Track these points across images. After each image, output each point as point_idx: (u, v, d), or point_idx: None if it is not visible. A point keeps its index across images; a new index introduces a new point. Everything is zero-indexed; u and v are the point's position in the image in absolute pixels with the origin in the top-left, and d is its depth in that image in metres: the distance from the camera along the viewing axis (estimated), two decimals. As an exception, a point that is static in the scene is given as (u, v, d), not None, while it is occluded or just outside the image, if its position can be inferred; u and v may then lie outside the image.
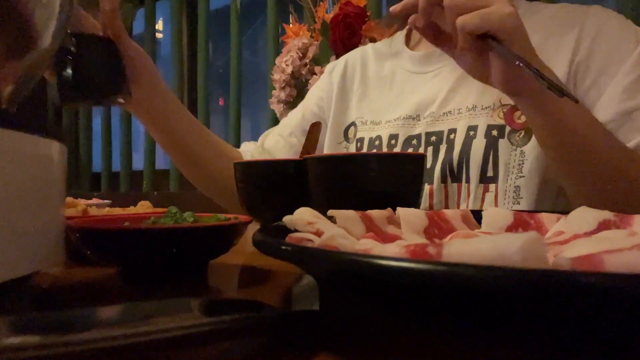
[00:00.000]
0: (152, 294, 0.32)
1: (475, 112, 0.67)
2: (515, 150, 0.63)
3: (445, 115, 0.70)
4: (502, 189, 0.63)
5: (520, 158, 0.63)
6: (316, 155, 0.51)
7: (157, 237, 0.34)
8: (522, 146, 0.63)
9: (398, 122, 0.75)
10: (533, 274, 0.15)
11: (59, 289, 0.34)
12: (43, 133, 0.26)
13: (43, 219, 0.27)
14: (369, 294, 0.24)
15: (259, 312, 0.21)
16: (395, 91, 0.80)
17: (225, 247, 0.39)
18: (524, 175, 0.62)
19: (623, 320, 0.16)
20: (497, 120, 0.65)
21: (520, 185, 0.62)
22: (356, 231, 0.32)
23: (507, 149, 0.63)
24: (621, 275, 0.15)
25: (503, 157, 0.63)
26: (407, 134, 0.73)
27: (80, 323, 0.18)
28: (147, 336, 0.17)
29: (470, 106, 0.68)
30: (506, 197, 0.63)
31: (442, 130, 0.69)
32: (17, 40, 0.29)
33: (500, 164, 0.63)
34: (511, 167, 0.63)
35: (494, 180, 0.64)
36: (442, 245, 0.20)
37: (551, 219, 0.35)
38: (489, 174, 0.64)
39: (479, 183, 0.64)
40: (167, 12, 2.26)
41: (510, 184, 0.63)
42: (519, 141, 0.63)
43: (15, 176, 0.24)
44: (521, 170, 0.62)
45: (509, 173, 0.63)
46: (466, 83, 0.69)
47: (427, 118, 0.72)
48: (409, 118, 0.74)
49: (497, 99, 0.66)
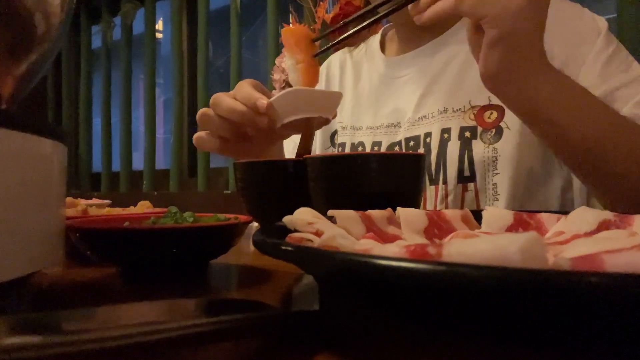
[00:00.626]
0: (152, 294, 0.32)
1: (447, 114, 0.69)
2: (488, 147, 0.65)
3: (421, 120, 0.72)
4: (481, 186, 0.65)
5: (494, 155, 0.65)
6: (316, 155, 0.51)
7: (157, 237, 0.34)
8: (494, 143, 0.65)
9: (380, 130, 0.78)
10: (533, 274, 0.15)
11: (59, 289, 0.34)
12: (43, 133, 0.26)
13: (43, 219, 0.27)
14: (369, 294, 0.24)
15: (259, 312, 0.21)
16: (372, 96, 0.82)
17: (225, 247, 0.39)
18: (498, 172, 0.64)
19: (623, 320, 0.16)
20: (469, 121, 0.67)
21: (497, 182, 0.65)
22: (356, 231, 0.32)
23: (480, 148, 0.66)
24: (621, 275, 0.15)
25: (478, 156, 0.65)
26: (390, 141, 0.75)
27: (80, 323, 0.18)
28: (147, 336, 0.17)
29: (441, 109, 0.70)
30: (487, 195, 0.65)
31: (419, 134, 0.72)
32: (17, 40, 0.29)
33: (475, 163, 0.66)
34: (486, 164, 0.65)
35: (472, 179, 0.66)
36: (442, 245, 0.20)
37: (551, 219, 0.35)
38: (466, 174, 0.66)
39: (457, 183, 0.67)
40: (167, 12, 2.26)
41: (489, 182, 0.65)
42: (491, 139, 0.65)
43: (15, 176, 0.24)
44: (496, 167, 0.65)
45: (486, 171, 0.65)
46: (436, 87, 0.72)
47: (405, 124, 0.74)
48: (391, 126, 0.77)
49: (467, 101, 0.68)
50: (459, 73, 0.70)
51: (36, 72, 0.32)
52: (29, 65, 0.31)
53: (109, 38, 2.44)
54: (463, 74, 0.70)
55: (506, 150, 0.64)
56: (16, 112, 0.29)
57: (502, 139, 0.64)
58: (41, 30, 0.30)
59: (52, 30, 0.31)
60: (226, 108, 0.57)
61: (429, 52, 0.75)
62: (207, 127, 0.61)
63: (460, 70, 0.71)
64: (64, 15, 0.32)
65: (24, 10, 0.29)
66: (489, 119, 0.66)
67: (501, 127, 0.65)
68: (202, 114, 0.60)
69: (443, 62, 0.73)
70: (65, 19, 0.32)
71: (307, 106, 0.54)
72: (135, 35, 2.37)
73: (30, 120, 0.25)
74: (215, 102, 0.58)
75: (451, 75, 0.71)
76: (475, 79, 0.66)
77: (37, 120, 0.25)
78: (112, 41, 2.45)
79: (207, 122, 0.60)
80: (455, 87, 0.70)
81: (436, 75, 0.73)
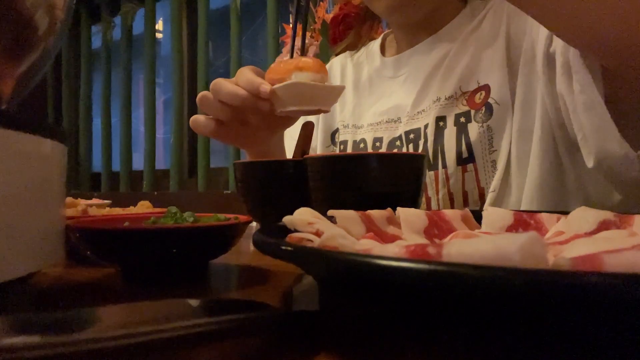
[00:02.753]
0: (152, 294, 0.32)
1: (440, 102, 0.71)
2: (482, 126, 0.66)
3: (420, 114, 0.74)
4: (480, 165, 0.66)
5: (489, 133, 0.66)
6: (316, 155, 0.51)
7: (157, 237, 0.34)
8: (487, 121, 0.66)
9: (381, 126, 0.79)
10: (533, 274, 0.15)
11: (59, 289, 0.34)
12: (43, 133, 0.26)
13: (43, 219, 0.27)
14: (369, 294, 0.24)
15: (259, 312, 0.21)
16: (373, 96, 0.84)
17: (225, 247, 0.39)
18: (495, 149, 0.65)
19: (623, 321, 0.16)
20: (462, 107, 0.69)
21: (495, 159, 0.66)
22: (356, 231, 0.32)
23: (475, 129, 0.67)
24: (621, 275, 0.15)
25: (474, 137, 0.66)
26: (391, 137, 0.77)
27: (80, 323, 0.18)
28: (147, 336, 0.17)
29: (434, 98, 0.72)
30: (486, 172, 0.66)
31: (419, 127, 0.73)
32: (17, 40, 0.29)
33: (472, 144, 0.67)
34: (483, 143, 0.66)
35: (470, 160, 0.67)
36: (442, 245, 0.20)
37: (551, 219, 0.35)
38: (464, 156, 0.67)
39: (457, 166, 0.67)
40: (167, 12, 2.26)
41: (487, 160, 0.66)
42: (483, 117, 0.66)
43: (15, 176, 0.24)
44: (492, 144, 0.66)
45: (483, 149, 0.66)
46: (431, 82, 0.74)
47: (404, 119, 0.76)
48: (391, 122, 0.78)
49: (458, 87, 0.70)
50: (449, 65, 0.72)
51: (36, 72, 0.32)
52: (29, 65, 0.31)
53: (109, 38, 2.44)
54: (454, 65, 0.72)
55: (499, 125, 0.65)
56: (16, 112, 0.29)
57: (494, 116, 0.65)
58: (41, 30, 0.30)
59: (52, 30, 0.31)
60: (227, 92, 0.57)
61: (425, 49, 0.77)
62: (206, 109, 0.61)
63: (451, 62, 0.72)
64: (64, 15, 0.32)
65: (24, 10, 0.29)
66: (478, 100, 0.68)
67: (490, 103, 0.66)
68: (202, 97, 0.60)
69: (438, 59, 0.74)
70: (65, 19, 0.32)
71: (309, 99, 0.55)
72: (135, 35, 2.37)
73: (30, 120, 0.25)
74: (216, 87, 0.58)
75: (444, 69, 0.73)
76: (464, 65, 0.70)
77: (37, 120, 0.25)
78: (112, 41, 2.45)
79: (207, 105, 0.60)
80: (446, 76, 0.72)
81: (432, 71, 0.74)
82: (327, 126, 0.89)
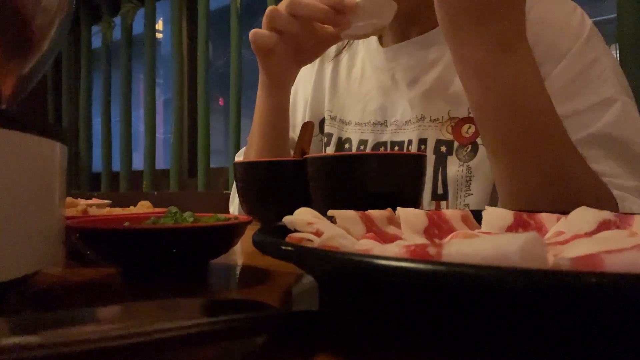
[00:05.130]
0: (152, 294, 0.32)
1: (424, 123, 0.69)
2: (462, 165, 0.64)
3: (406, 124, 0.72)
4: (452, 206, 0.64)
5: (467, 174, 0.64)
6: (316, 154, 0.51)
7: (157, 237, 0.34)
8: (469, 161, 0.64)
9: (368, 127, 0.77)
10: (533, 274, 0.15)
11: (59, 289, 0.34)
12: (43, 133, 0.26)
13: (43, 219, 0.27)
14: (368, 294, 0.24)
15: (259, 312, 0.21)
16: (364, 88, 0.81)
17: (225, 247, 0.39)
18: (472, 193, 0.63)
19: (623, 321, 0.16)
20: (446, 134, 0.66)
21: (469, 203, 0.63)
22: (356, 231, 0.32)
23: (454, 166, 0.64)
24: (621, 275, 0.15)
25: (451, 173, 0.64)
26: (376, 140, 0.75)
27: (80, 323, 0.18)
28: (147, 336, 0.17)
29: (419, 116, 0.69)
30: None
31: (403, 140, 0.72)
32: (17, 41, 0.29)
33: (449, 181, 0.64)
34: (459, 184, 0.64)
35: (445, 197, 0.65)
36: (442, 245, 0.20)
37: (551, 219, 0.35)
38: (439, 192, 0.65)
39: (431, 200, 0.65)
40: (167, 12, 2.26)
41: (460, 202, 0.64)
42: (466, 156, 0.64)
43: (15, 176, 0.24)
44: (469, 187, 0.63)
45: (459, 190, 0.64)
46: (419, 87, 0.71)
47: (392, 126, 0.74)
48: (378, 124, 0.76)
49: (446, 112, 0.67)
50: (440, 78, 0.69)
51: (36, 72, 0.32)
52: (29, 65, 0.31)
53: (109, 38, 2.44)
54: (445, 80, 0.69)
55: (480, 169, 0.63)
56: (16, 112, 0.29)
57: (477, 157, 0.63)
58: (41, 30, 0.30)
59: (52, 30, 0.31)
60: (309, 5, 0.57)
61: (416, 47, 0.74)
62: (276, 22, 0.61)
63: (441, 74, 0.69)
64: (64, 15, 0.32)
65: (24, 10, 0.29)
66: (466, 134, 0.65)
67: (477, 143, 0.63)
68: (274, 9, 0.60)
69: (429, 62, 0.71)
70: (65, 19, 0.32)
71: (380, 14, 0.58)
72: (135, 35, 2.37)
73: (30, 120, 0.25)
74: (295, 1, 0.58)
75: (433, 78, 0.70)
76: (456, 87, 0.66)
77: (37, 120, 0.25)
78: (112, 41, 2.45)
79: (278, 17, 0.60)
80: (435, 92, 0.69)
81: (419, 73, 0.71)
82: (315, 115, 0.85)
